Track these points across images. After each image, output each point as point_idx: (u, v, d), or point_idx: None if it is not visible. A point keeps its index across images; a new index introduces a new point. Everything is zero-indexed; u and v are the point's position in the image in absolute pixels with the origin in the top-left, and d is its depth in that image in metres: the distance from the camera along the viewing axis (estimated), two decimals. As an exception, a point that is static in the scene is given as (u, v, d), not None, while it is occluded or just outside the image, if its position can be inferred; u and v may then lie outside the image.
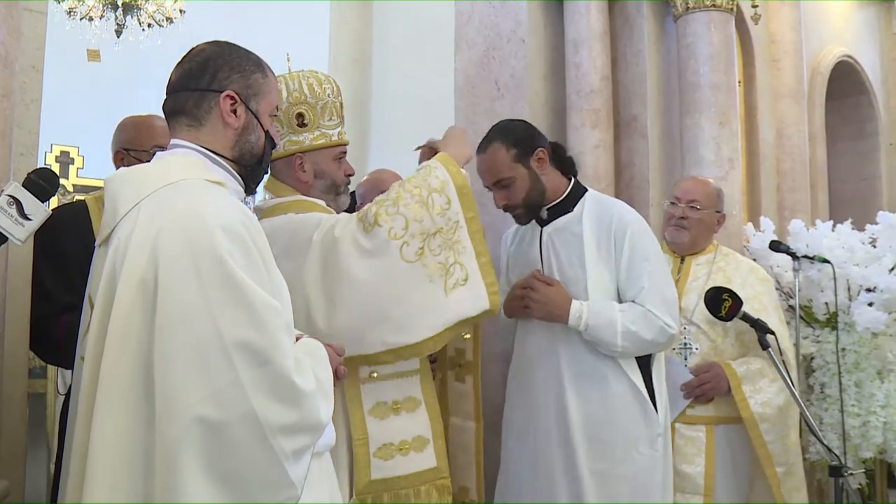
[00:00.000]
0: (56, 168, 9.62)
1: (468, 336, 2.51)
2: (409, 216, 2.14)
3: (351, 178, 2.43)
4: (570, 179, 2.80)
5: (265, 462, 1.47)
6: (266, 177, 2.09)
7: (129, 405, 1.48)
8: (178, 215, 1.53)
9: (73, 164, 10.12)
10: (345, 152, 2.41)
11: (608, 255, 2.66)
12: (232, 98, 1.73)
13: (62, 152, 10.02)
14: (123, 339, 1.50)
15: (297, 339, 1.75)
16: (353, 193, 3.43)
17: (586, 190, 2.82)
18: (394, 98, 9.50)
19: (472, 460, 2.64)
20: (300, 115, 2.32)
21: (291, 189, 2.36)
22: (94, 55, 8.08)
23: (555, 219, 2.76)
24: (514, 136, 2.69)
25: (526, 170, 2.67)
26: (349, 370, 2.06)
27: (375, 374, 2.26)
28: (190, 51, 1.80)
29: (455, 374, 2.67)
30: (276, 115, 1.86)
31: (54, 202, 8.48)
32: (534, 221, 2.81)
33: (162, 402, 1.44)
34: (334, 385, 1.78)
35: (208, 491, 1.43)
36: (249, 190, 1.84)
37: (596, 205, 2.75)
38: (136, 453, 1.47)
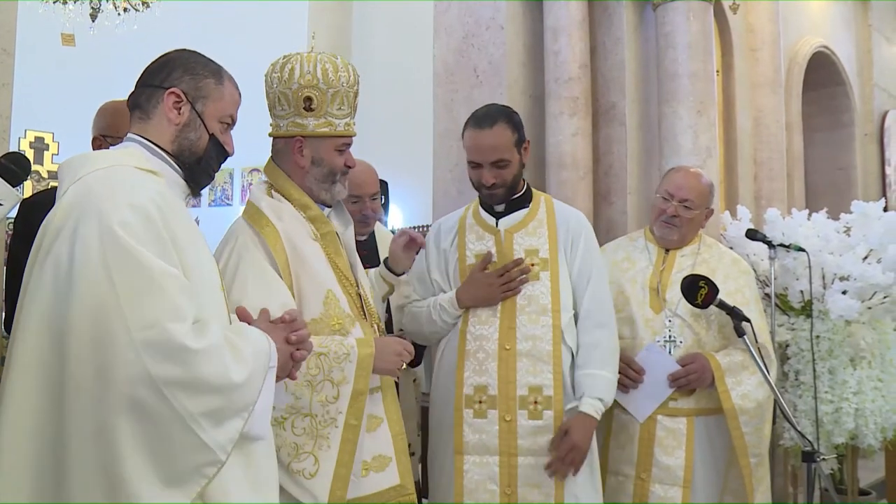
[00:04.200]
0: (30, 154, 9.52)
1: None
2: (290, 388, 2.09)
3: (349, 169, 2.37)
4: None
5: (170, 421, 1.53)
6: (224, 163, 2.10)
7: (38, 376, 1.56)
8: (96, 197, 1.62)
9: (47, 149, 10.02)
10: (349, 143, 2.35)
11: (564, 254, 2.79)
12: (177, 95, 1.84)
13: (36, 138, 9.92)
14: (36, 315, 1.59)
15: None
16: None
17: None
18: (373, 85, 9.47)
19: (551, 493, 2.64)
20: (308, 99, 2.26)
21: (285, 177, 2.31)
22: (68, 39, 7.96)
23: (511, 212, 2.84)
24: (514, 120, 2.77)
25: (518, 156, 2.76)
26: None
27: None
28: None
29: (529, 413, 2.67)
30: (228, 124, 1.93)
31: (28, 187, 8.40)
32: (482, 217, 2.87)
33: (73, 367, 1.52)
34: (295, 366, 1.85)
35: (134, 458, 1.50)
36: (194, 191, 1.92)
37: (558, 207, 2.89)
38: (44, 423, 1.55)
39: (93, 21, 8.16)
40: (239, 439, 1.63)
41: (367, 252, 2.95)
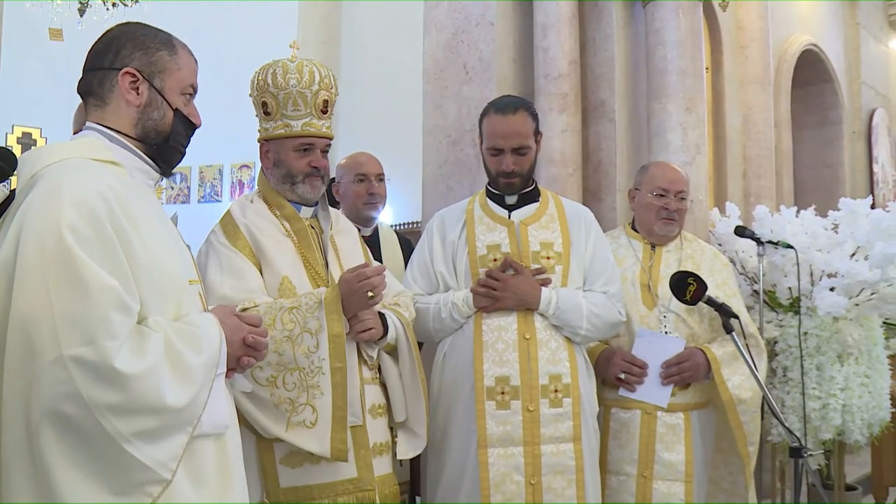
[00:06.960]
0: (17, 149, 9.45)
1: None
2: (271, 347, 2.12)
3: (317, 169, 2.42)
4: None
5: (102, 442, 1.45)
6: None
7: None
8: (42, 194, 1.54)
9: (35, 145, 9.95)
10: (310, 144, 2.40)
11: (576, 249, 2.85)
12: (132, 75, 1.73)
13: (24, 133, 9.85)
14: None
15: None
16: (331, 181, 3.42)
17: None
18: (362, 81, 9.45)
19: (573, 479, 2.69)
20: (264, 104, 2.41)
21: (265, 181, 2.48)
22: (56, 34, 7.89)
23: (523, 205, 2.89)
24: (533, 111, 2.87)
25: (536, 145, 2.84)
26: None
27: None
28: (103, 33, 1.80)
29: (550, 401, 2.70)
30: (190, 94, 1.83)
31: (16, 183, 8.31)
32: (491, 209, 2.89)
33: (7, 371, 1.46)
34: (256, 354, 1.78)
35: (68, 472, 1.44)
36: (165, 172, 1.82)
37: (566, 203, 2.97)
38: None
39: (81, 16, 8.09)
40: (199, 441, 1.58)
41: (370, 249, 2.96)
